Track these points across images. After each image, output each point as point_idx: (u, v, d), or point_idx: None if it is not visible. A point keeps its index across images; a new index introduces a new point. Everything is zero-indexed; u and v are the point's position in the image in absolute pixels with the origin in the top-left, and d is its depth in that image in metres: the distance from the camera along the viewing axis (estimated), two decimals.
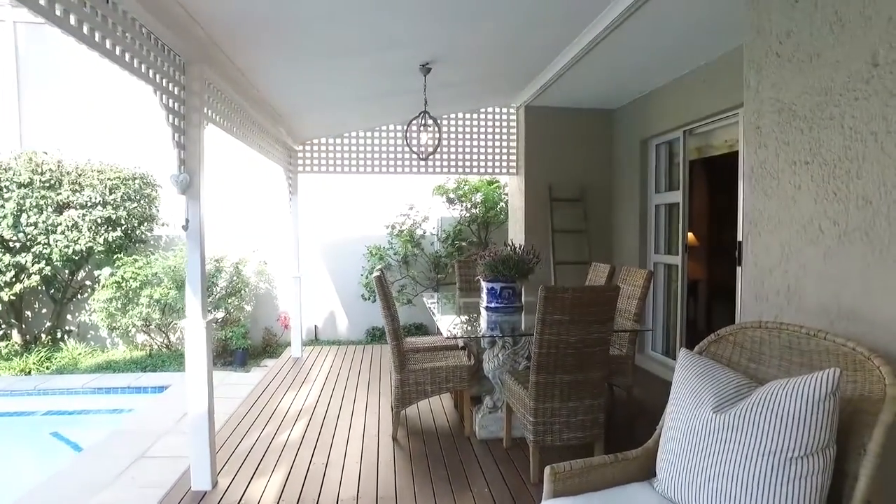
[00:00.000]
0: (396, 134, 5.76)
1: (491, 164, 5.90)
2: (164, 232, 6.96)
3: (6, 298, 6.00)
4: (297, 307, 5.85)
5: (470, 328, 3.52)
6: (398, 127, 5.73)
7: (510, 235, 6.14)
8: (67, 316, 6.86)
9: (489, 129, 5.87)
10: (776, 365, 1.71)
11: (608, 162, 5.71)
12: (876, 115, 1.68)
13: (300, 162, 5.81)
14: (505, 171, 5.94)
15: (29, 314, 6.77)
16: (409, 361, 3.52)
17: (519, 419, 3.06)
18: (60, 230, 5.99)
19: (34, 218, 5.93)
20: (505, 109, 5.86)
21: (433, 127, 4.28)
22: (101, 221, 6.14)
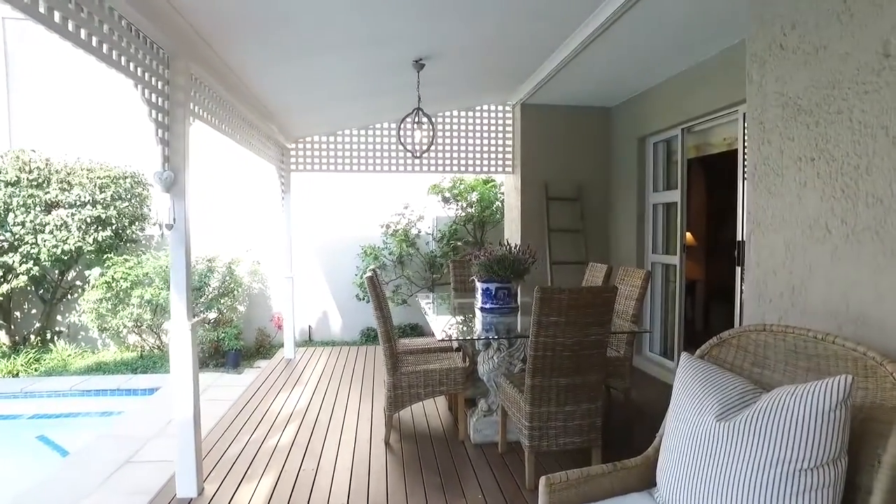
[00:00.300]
0: (391, 132, 5.68)
1: (486, 162, 5.82)
2: (155, 231, 6.85)
3: None
4: (289, 308, 5.76)
5: (465, 329, 3.44)
6: (392, 125, 5.65)
7: (506, 235, 6.07)
8: (57, 317, 6.75)
9: (484, 127, 5.79)
10: (781, 370, 1.63)
11: (605, 160, 5.63)
12: (887, 108, 1.60)
13: (293, 160, 5.72)
14: (500, 169, 5.86)
15: (18, 315, 6.65)
16: (401, 364, 3.44)
17: (514, 423, 2.98)
18: (49, 230, 5.89)
19: (21, 217, 5.83)
20: (500, 107, 5.78)
21: (427, 124, 4.20)
22: (90, 221, 6.04)
